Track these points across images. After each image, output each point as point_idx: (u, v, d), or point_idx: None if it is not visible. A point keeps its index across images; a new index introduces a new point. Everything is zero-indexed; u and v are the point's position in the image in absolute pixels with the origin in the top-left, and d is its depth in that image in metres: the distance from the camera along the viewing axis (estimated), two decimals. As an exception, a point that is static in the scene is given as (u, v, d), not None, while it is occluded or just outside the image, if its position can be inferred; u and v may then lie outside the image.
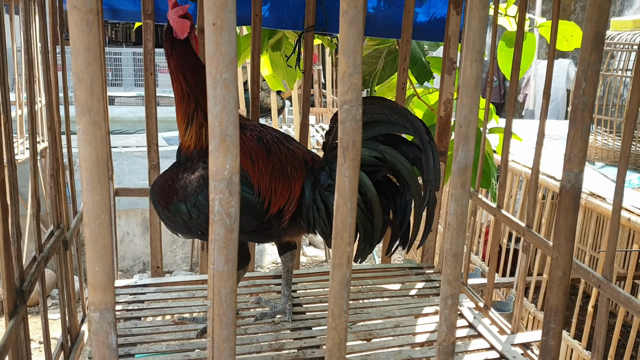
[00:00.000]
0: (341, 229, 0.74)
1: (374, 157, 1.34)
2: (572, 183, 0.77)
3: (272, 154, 1.41)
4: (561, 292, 0.80)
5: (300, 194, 1.41)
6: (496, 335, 1.52)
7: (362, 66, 1.83)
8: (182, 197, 1.34)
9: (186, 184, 1.34)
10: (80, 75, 0.63)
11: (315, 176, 1.42)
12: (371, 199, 1.34)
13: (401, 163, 1.33)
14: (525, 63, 2.04)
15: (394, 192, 1.40)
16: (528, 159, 3.39)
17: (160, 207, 1.37)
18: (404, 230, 1.41)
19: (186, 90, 1.36)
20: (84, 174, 0.66)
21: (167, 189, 1.35)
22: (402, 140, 1.37)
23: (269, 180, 1.38)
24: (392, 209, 1.41)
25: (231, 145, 0.68)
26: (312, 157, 1.47)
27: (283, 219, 1.41)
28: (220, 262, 0.71)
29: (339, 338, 0.76)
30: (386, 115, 1.32)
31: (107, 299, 0.70)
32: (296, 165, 1.43)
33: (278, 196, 1.39)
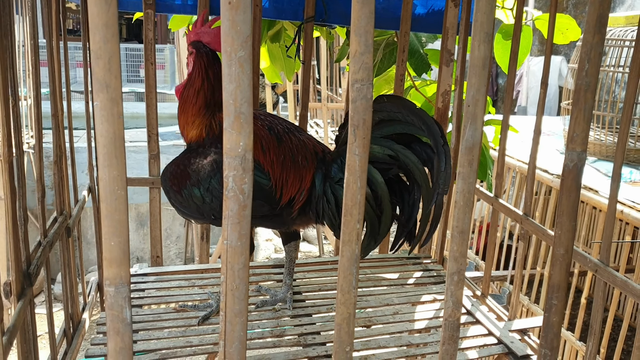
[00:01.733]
0: (351, 206, 0.75)
1: (388, 155, 1.36)
2: (574, 162, 0.79)
3: (283, 144, 1.43)
4: (563, 269, 0.83)
5: (311, 185, 1.43)
6: (494, 322, 1.55)
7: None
8: (195, 181, 1.35)
9: (199, 168, 1.35)
10: (98, 52, 0.64)
11: (327, 168, 1.44)
12: (381, 196, 1.37)
13: (413, 163, 1.36)
14: (521, 56, 2.06)
15: (403, 190, 1.43)
16: (522, 154, 3.43)
17: (172, 193, 1.39)
18: (410, 228, 1.43)
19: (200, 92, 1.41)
20: (101, 149, 0.67)
21: (180, 174, 1.37)
22: (416, 140, 1.39)
23: (280, 169, 1.40)
24: (400, 206, 1.43)
25: (245, 122, 0.70)
26: (322, 148, 1.49)
27: (293, 208, 1.43)
28: (233, 238, 0.73)
29: (348, 312, 0.78)
30: (403, 114, 1.35)
31: (122, 273, 0.71)
32: (307, 156, 1.45)
33: (289, 186, 1.41)
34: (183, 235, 5.67)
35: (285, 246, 1.60)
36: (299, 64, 2.13)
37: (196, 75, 1.40)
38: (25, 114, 4.92)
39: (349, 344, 0.79)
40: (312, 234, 6.20)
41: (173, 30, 2.27)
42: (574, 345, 2.75)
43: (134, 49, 10.88)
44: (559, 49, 6.30)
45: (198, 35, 1.42)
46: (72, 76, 6.49)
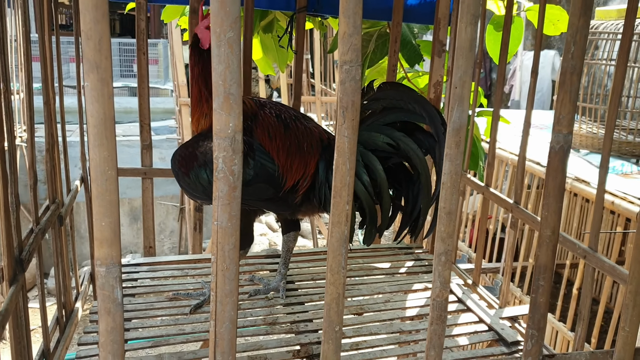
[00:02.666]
0: (340, 188, 0.76)
1: (387, 143, 1.37)
2: (561, 144, 0.80)
3: (289, 131, 1.45)
4: (550, 250, 0.84)
5: (315, 171, 1.44)
6: (485, 310, 1.56)
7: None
8: (202, 162, 1.37)
9: (206, 150, 1.37)
10: (88, 32, 0.65)
11: (330, 155, 1.46)
12: (380, 184, 1.38)
13: (414, 151, 1.36)
14: (513, 47, 2.08)
15: (408, 180, 1.43)
16: (515, 147, 3.44)
17: (181, 175, 1.41)
18: (414, 218, 1.44)
19: (204, 93, 1.43)
20: (92, 130, 0.68)
21: (188, 156, 1.39)
22: (418, 128, 1.40)
23: (286, 155, 1.42)
24: (404, 196, 1.44)
25: (234, 103, 0.70)
26: (327, 136, 1.51)
27: (297, 194, 1.44)
28: (223, 219, 0.74)
29: (337, 292, 0.79)
30: (405, 102, 1.35)
31: (113, 253, 0.72)
32: (312, 143, 1.46)
33: (294, 171, 1.43)
34: (177, 229, 5.67)
35: (284, 235, 1.61)
36: (291, 55, 2.14)
37: (197, 74, 1.42)
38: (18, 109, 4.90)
39: (338, 323, 0.80)
40: (306, 228, 6.21)
41: (166, 21, 2.27)
42: (565, 336, 2.78)
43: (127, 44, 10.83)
44: (552, 43, 6.32)
45: (197, 30, 1.42)
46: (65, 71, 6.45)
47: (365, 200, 1.39)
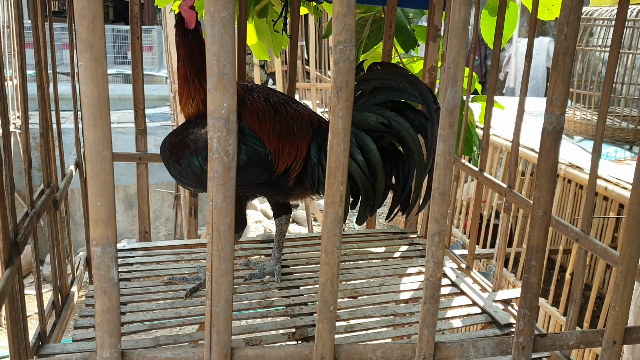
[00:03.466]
0: (334, 169, 0.77)
1: (380, 122, 1.38)
2: (553, 125, 0.81)
3: (279, 115, 1.44)
4: (542, 230, 0.85)
5: (307, 154, 1.45)
6: (478, 293, 1.58)
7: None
8: (193, 150, 1.37)
9: (197, 137, 1.37)
10: (82, 11, 0.65)
11: (322, 137, 1.46)
12: (375, 163, 1.38)
13: (406, 130, 1.37)
14: (507, 32, 2.08)
15: (398, 158, 1.44)
16: (510, 134, 3.45)
17: (171, 163, 1.40)
18: (405, 196, 1.45)
19: (191, 74, 1.42)
20: (86, 110, 0.68)
21: (178, 143, 1.38)
22: (409, 107, 1.40)
23: (277, 139, 1.42)
24: (394, 175, 1.45)
25: (229, 83, 0.71)
26: (317, 119, 1.51)
27: (290, 177, 1.45)
28: (218, 199, 0.74)
29: (331, 272, 0.80)
30: (395, 82, 1.36)
31: (109, 233, 0.72)
32: (303, 126, 1.46)
33: (285, 155, 1.43)
34: (172, 216, 5.68)
35: (276, 219, 1.61)
36: (286, 40, 2.13)
37: (184, 55, 1.41)
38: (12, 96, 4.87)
39: (333, 302, 0.81)
40: (301, 215, 6.22)
41: (160, 6, 2.25)
42: (558, 320, 2.81)
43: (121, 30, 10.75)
44: (547, 30, 6.31)
45: (181, 7, 1.41)
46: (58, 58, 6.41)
47: (360, 180, 1.39)
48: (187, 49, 1.42)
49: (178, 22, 1.42)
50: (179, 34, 1.42)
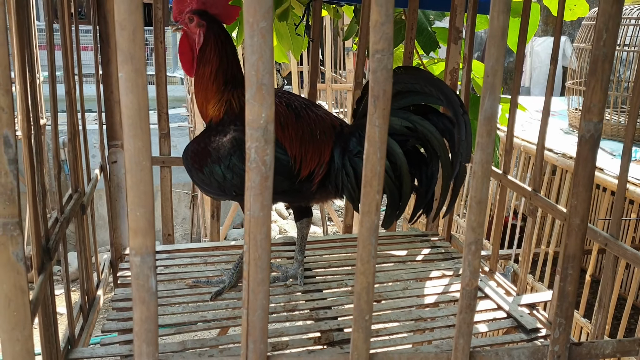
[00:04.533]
0: (370, 177, 0.76)
1: (405, 126, 1.37)
2: (591, 133, 0.80)
3: (301, 119, 1.44)
4: (579, 238, 0.84)
5: (330, 159, 1.44)
6: (503, 297, 1.57)
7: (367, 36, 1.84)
8: (215, 158, 1.37)
9: (219, 146, 1.37)
10: (122, 23, 0.65)
11: (345, 142, 1.45)
12: (400, 167, 1.38)
13: (432, 134, 1.37)
14: (529, 33, 2.06)
15: (420, 161, 1.44)
16: (526, 134, 3.43)
17: (194, 171, 1.41)
18: (428, 199, 1.44)
19: (217, 74, 1.41)
20: (126, 120, 0.68)
21: (200, 152, 1.39)
22: (432, 110, 1.40)
23: (299, 144, 1.42)
24: (417, 178, 1.45)
25: (267, 94, 0.71)
26: (340, 123, 1.51)
27: (313, 182, 1.45)
28: (256, 208, 0.74)
29: (367, 282, 0.79)
30: (420, 85, 1.35)
31: (148, 243, 0.73)
32: (325, 131, 1.46)
33: (308, 160, 1.42)
34: (189, 217, 5.70)
35: (297, 223, 1.61)
36: (305, 42, 2.13)
37: (212, 53, 1.40)
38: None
39: (368, 312, 0.81)
40: (316, 215, 6.22)
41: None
42: (578, 322, 2.78)
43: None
44: (564, 29, 6.26)
45: (204, 4, 1.40)
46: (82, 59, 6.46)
47: (386, 185, 1.39)
48: (214, 45, 1.41)
49: (204, 15, 1.40)
50: (207, 29, 1.41)
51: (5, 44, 0.63)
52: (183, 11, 1.42)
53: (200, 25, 1.40)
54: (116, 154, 1.81)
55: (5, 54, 0.64)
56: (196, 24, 1.40)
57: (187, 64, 1.47)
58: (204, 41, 1.41)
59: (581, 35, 3.49)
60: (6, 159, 0.68)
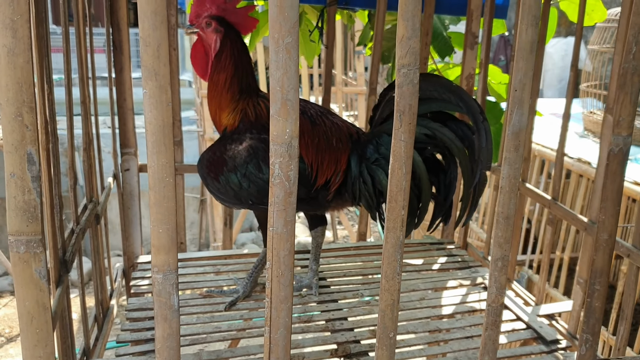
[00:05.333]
0: (396, 193, 0.75)
1: (424, 134, 1.36)
2: (620, 147, 0.78)
3: (317, 127, 1.43)
4: (607, 254, 0.82)
5: (347, 167, 1.43)
6: (521, 307, 1.55)
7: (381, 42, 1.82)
8: (231, 167, 1.36)
9: (235, 154, 1.36)
10: (147, 39, 0.64)
11: (362, 149, 1.44)
12: (420, 175, 1.36)
13: (452, 141, 1.35)
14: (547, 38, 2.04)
15: (438, 169, 1.42)
16: (538, 137, 3.40)
17: (209, 179, 1.39)
18: (447, 207, 1.43)
19: (232, 82, 1.40)
20: (150, 137, 0.67)
21: (216, 160, 1.37)
22: (450, 118, 1.38)
23: (315, 152, 1.40)
24: (436, 186, 1.43)
25: (292, 109, 0.69)
26: (356, 130, 1.49)
27: (329, 190, 1.43)
28: (279, 224, 0.73)
29: (392, 299, 0.78)
30: (439, 92, 1.33)
31: (170, 260, 0.72)
32: (341, 138, 1.45)
33: (325, 168, 1.41)
34: (197, 221, 5.70)
35: (312, 231, 1.60)
36: (318, 48, 2.12)
37: (228, 61, 1.39)
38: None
39: (393, 330, 0.79)
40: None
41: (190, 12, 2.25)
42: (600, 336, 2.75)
43: (144, 35, 10.83)
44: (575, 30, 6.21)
45: (224, 11, 1.39)
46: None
47: None
48: (231, 53, 1.40)
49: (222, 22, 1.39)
50: (225, 35, 1.40)
51: (29, 62, 0.63)
52: (201, 15, 1.40)
53: (218, 31, 1.39)
54: (129, 162, 1.80)
55: (30, 72, 0.63)
56: (214, 30, 1.39)
57: (201, 69, 1.46)
58: (220, 47, 1.40)
59: (597, 37, 3.46)
60: (29, 176, 0.67)
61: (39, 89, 0.94)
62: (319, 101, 4.90)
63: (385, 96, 1.45)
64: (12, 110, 0.65)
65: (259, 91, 1.47)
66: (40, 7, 0.94)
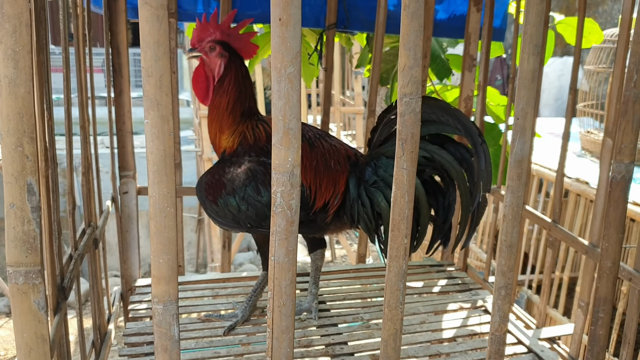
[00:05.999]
0: (398, 221, 0.75)
1: (423, 156, 1.36)
2: (622, 174, 0.78)
3: (315, 149, 1.43)
4: (610, 281, 0.82)
5: (345, 189, 1.43)
6: (522, 330, 1.54)
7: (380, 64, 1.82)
8: (230, 190, 1.35)
9: (233, 177, 1.35)
10: (149, 69, 0.64)
11: (360, 172, 1.44)
12: (419, 197, 1.36)
13: (450, 163, 1.35)
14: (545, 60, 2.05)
15: (437, 192, 1.42)
16: (538, 156, 3.41)
17: (208, 203, 1.39)
18: (445, 230, 1.42)
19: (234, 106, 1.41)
20: (151, 167, 0.67)
21: (215, 183, 1.37)
22: (448, 140, 1.39)
23: (314, 174, 1.40)
24: (434, 208, 1.43)
25: (294, 138, 0.69)
26: (354, 152, 1.49)
27: (328, 213, 1.43)
28: (281, 254, 0.72)
29: (394, 329, 0.77)
30: (437, 115, 1.34)
31: (171, 290, 0.71)
32: (339, 160, 1.44)
33: (323, 190, 1.41)
34: (195, 241, 5.68)
35: (311, 254, 1.59)
36: (317, 70, 2.13)
37: (232, 85, 1.40)
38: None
39: (396, 359, 0.78)
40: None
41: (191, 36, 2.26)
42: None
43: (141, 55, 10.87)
44: (572, 50, 6.27)
45: (228, 36, 1.40)
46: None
47: None
48: (235, 77, 1.40)
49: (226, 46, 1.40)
50: (229, 60, 1.40)
51: (30, 93, 0.62)
52: (204, 39, 1.41)
53: (222, 56, 1.40)
54: (127, 185, 1.79)
55: (31, 102, 0.63)
56: (217, 54, 1.40)
57: (202, 92, 1.46)
58: (224, 71, 1.40)
59: (593, 57, 3.49)
60: (29, 206, 0.66)
61: (39, 116, 0.94)
62: (317, 121, 4.91)
63: (383, 118, 1.46)
64: (13, 140, 0.64)
65: (258, 114, 1.47)
66: (41, 33, 0.94)
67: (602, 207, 1.21)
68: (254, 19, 1.79)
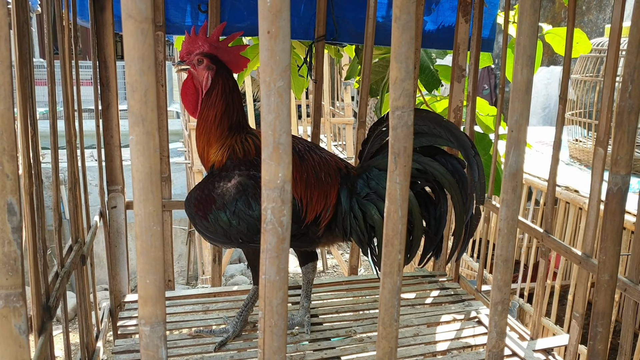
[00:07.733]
0: (392, 237, 0.73)
1: (415, 168, 1.35)
2: (618, 186, 0.77)
3: (305, 162, 1.41)
4: (608, 295, 0.80)
5: (337, 202, 1.41)
6: (517, 342, 1.52)
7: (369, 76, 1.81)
8: (220, 205, 1.33)
9: (224, 191, 1.33)
10: (134, 84, 0.62)
11: (352, 184, 1.42)
12: (412, 210, 1.35)
13: (443, 175, 1.34)
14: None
15: (428, 203, 1.41)
16: (528, 165, 3.41)
17: (198, 219, 1.36)
18: (437, 241, 1.41)
19: (222, 119, 1.39)
20: (136, 184, 0.65)
21: (204, 198, 1.34)
22: (440, 152, 1.38)
23: (305, 187, 1.38)
24: (426, 220, 1.42)
25: (284, 153, 0.67)
26: (345, 165, 1.48)
27: (320, 226, 1.41)
28: (272, 272, 0.70)
29: (389, 347, 0.75)
30: (429, 127, 1.33)
31: (158, 312, 0.68)
32: (330, 173, 1.43)
33: (314, 203, 1.39)
34: (185, 253, 5.63)
35: (302, 268, 1.57)
36: (307, 82, 2.12)
37: (219, 98, 1.38)
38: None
39: (391, 378, 0.76)
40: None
41: (179, 49, 2.25)
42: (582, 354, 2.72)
43: (131, 67, 10.87)
44: (558, 59, 6.32)
45: (216, 49, 1.39)
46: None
47: None
48: (222, 90, 1.39)
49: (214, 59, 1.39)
50: (216, 73, 1.39)
51: (10, 110, 0.60)
52: (192, 52, 1.40)
53: (210, 69, 1.38)
54: (116, 199, 1.77)
55: (11, 119, 0.61)
56: (205, 67, 1.38)
57: (191, 105, 1.45)
58: (211, 84, 1.39)
59: (580, 66, 3.51)
60: (10, 227, 0.64)
61: (22, 132, 0.91)
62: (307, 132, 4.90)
63: (374, 130, 1.45)
64: (-7, 159, 0.62)
65: (247, 127, 1.45)
66: (24, 47, 0.92)
67: (594, 216, 1.20)
68: (244, 32, 1.78)
